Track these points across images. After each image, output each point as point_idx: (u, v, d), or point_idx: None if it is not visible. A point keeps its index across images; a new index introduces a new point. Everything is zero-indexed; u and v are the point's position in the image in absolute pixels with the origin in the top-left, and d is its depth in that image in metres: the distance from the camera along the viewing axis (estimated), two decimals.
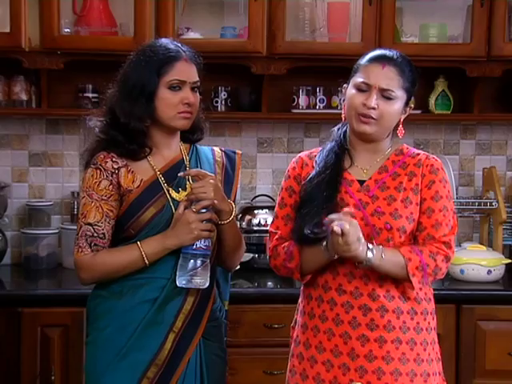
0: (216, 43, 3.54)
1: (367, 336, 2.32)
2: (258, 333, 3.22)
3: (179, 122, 2.38)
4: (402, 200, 2.35)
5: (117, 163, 2.39)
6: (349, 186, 2.38)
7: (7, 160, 3.79)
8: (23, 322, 3.17)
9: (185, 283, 2.31)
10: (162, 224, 2.36)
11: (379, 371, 2.31)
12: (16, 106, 3.64)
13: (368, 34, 3.52)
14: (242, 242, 2.53)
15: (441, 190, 2.36)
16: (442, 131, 3.95)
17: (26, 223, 3.77)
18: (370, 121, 2.32)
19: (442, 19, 3.71)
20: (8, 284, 3.64)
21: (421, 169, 2.38)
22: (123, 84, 2.39)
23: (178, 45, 2.41)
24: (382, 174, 2.39)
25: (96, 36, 3.51)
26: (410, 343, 2.33)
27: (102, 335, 2.38)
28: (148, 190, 2.38)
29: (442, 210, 2.35)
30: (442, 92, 3.77)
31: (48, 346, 3.18)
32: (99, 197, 2.36)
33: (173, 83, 2.35)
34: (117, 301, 2.37)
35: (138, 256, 2.32)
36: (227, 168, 2.51)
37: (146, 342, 2.33)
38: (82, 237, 2.37)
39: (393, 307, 2.33)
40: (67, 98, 3.70)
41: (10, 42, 3.39)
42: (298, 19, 3.67)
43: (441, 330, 3.29)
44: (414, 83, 2.39)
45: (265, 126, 3.89)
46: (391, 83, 2.32)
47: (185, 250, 2.32)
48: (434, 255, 2.32)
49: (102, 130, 2.43)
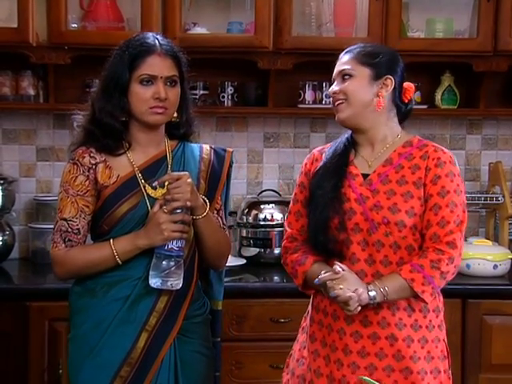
0: (222, 38, 3.55)
1: (360, 332, 2.33)
2: (265, 327, 3.23)
3: (151, 117, 2.34)
4: (403, 194, 2.33)
5: (94, 158, 2.37)
6: (352, 180, 2.39)
7: (15, 155, 3.80)
8: (31, 315, 3.18)
9: (158, 284, 2.28)
10: (136, 221, 2.34)
11: (371, 367, 2.31)
12: (23, 101, 3.65)
13: (374, 28, 3.52)
14: (224, 240, 2.48)
15: (447, 184, 2.31)
16: (448, 126, 3.94)
17: (34, 218, 3.79)
18: (341, 106, 2.38)
19: (448, 14, 3.70)
20: (16, 278, 3.66)
21: (426, 161, 2.34)
22: (102, 78, 2.39)
23: (158, 38, 2.37)
24: (386, 166, 2.38)
25: (103, 31, 3.52)
26: (407, 340, 2.31)
27: (78, 332, 2.39)
28: (124, 185, 2.36)
29: (449, 206, 2.30)
30: (448, 87, 3.77)
31: (56, 340, 3.19)
32: (75, 192, 2.35)
33: (143, 78, 2.32)
34: (91, 298, 2.36)
35: (109, 254, 2.31)
36: (214, 165, 2.46)
37: (118, 341, 2.31)
38: (57, 232, 2.37)
39: (388, 303, 2.31)
40: (74, 93, 3.69)
41: (17, 38, 3.39)
42: (305, 14, 3.66)
43: (447, 325, 3.30)
44: (375, 56, 2.39)
45: (271, 121, 3.89)
46: (346, 64, 2.39)
47: (158, 250, 2.29)
48: (436, 264, 2.27)
49: (82, 124, 2.42)
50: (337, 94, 2.39)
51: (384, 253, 2.32)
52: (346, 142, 2.46)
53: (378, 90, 2.37)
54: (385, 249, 2.32)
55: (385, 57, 2.40)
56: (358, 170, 2.40)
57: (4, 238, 3.61)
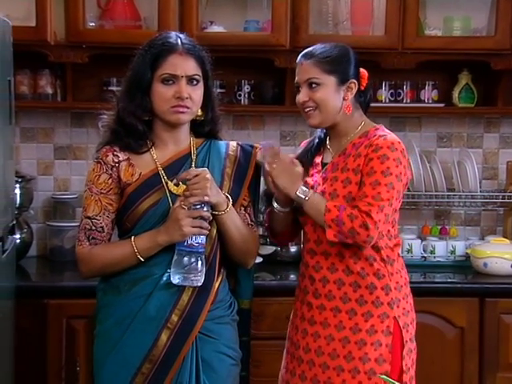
0: (239, 37, 3.57)
1: (312, 303, 2.53)
2: (282, 325, 3.22)
3: (173, 116, 2.36)
4: (343, 180, 2.48)
5: (117, 157, 2.40)
6: (315, 169, 2.59)
7: (33, 153, 3.83)
8: (49, 313, 3.21)
9: (179, 281, 2.30)
10: (157, 217, 2.35)
11: (315, 335, 2.51)
12: (41, 100, 3.68)
13: (391, 27, 3.54)
14: (251, 237, 2.49)
15: (376, 165, 2.42)
16: (466, 124, 3.95)
17: (51, 216, 3.82)
18: (312, 112, 2.52)
19: (466, 12, 3.71)
20: (34, 276, 3.68)
21: (367, 149, 2.46)
22: (126, 78, 2.42)
23: (180, 37, 2.39)
24: (340, 156, 2.54)
25: (120, 29, 3.55)
26: (350, 313, 2.47)
27: (102, 328, 2.41)
28: (146, 183, 2.38)
29: (371, 184, 2.41)
30: (465, 85, 3.77)
31: (73, 338, 3.22)
32: (98, 190, 2.39)
33: (165, 77, 2.34)
34: (115, 295, 2.38)
35: (130, 251, 2.33)
36: (240, 162, 2.48)
37: (139, 337, 2.32)
38: (81, 230, 2.41)
39: (334, 278, 2.48)
40: (92, 92, 3.74)
41: (35, 36, 3.42)
42: (322, 12, 3.68)
43: (464, 324, 3.32)
44: (338, 62, 2.50)
45: (288, 120, 3.90)
46: (311, 72, 2.49)
47: (178, 246, 2.30)
48: (352, 217, 2.38)
49: (108, 123, 2.44)
50: (306, 101, 2.50)
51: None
52: (322, 135, 2.64)
53: (344, 95, 2.51)
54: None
55: (345, 60, 2.52)
56: (320, 159, 2.59)
57: (22, 236, 3.62)
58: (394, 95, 3.80)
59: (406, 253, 3.65)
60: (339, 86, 2.49)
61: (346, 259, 2.48)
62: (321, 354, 2.50)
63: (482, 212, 3.96)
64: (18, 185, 3.55)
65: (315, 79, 2.48)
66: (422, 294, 2.96)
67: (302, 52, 2.56)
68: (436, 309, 3.34)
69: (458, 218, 3.95)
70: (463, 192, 3.76)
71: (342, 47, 2.55)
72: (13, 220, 3.10)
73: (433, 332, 3.33)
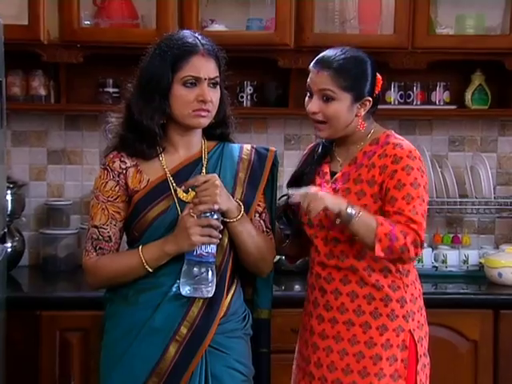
0: (241, 36, 3.57)
1: (323, 316, 2.53)
2: (287, 338, 3.22)
3: (195, 120, 2.36)
4: (356, 192, 2.47)
5: (125, 163, 2.39)
6: (323, 179, 2.57)
7: (25, 157, 3.83)
8: (42, 325, 3.21)
9: (189, 292, 2.29)
10: (166, 226, 2.34)
11: (327, 349, 2.50)
12: (34, 102, 3.69)
13: (401, 25, 3.53)
14: (266, 244, 2.46)
15: (403, 177, 2.42)
16: (479, 127, 3.95)
17: (45, 223, 3.82)
18: (321, 126, 2.50)
19: (479, 9, 3.71)
20: (26, 286, 3.69)
21: (382, 160, 2.46)
22: (139, 79, 2.38)
23: (198, 37, 2.38)
24: (351, 166, 2.53)
25: (117, 28, 3.55)
26: (364, 326, 2.47)
27: (109, 338, 2.42)
28: (154, 190, 2.37)
29: (404, 198, 2.41)
30: (478, 86, 3.77)
31: (67, 351, 3.22)
32: (105, 198, 2.38)
33: (187, 79, 2.33)
34: (122, 304, 2.38)
35: (138, 261, 2.32)
36: (254, 166, 2.46)
37: (146, 350, 2.32)
38: (88, 240, 2.40)
39: (347, 290, 2.48)
40: (87, 93, 3.75)
41: (28, 35, 3.43)
42: (328, 10, 3.69)
43: (477, 337, 3.32)
44: (357, 79, 2.47)
45: (292, 123, 3.90)
46: (327, 84, 2.46)
47: (188, 256, 2.29)
48: (405, 233, 2.37)
49: (116, 127, 2.43)
50: (316, 113, 2.49)
51: (341, 248, 2.51)
52: (325, 143, 2.62)
53: (357, 112, 2.50)
54: (341, 244, 2.50)
55: (364, 77, 2.49)
56: (328, 168, 2.57)
57: (14, 245, 3.63)
58: (403, 97, 3.80)
59: (416, 262, 3.59)
60: (353, 104, 2.48)
61: (360, 272, 2.47)
62: (334, 369, 2.49)
63: (497, 219, 3.95)
64: (9, 191, 3.56)
65: (330, 92, 2.46)
66: (433, 306, 2.93)
67: (319, 57, 2.51)
68: (448, 321, 3.33)
69: (471, 225, 3.95)
70: (476, 198, 3.76)
71: (362, 60, 2.50)
72: (4, 228, 3.11)
73: (445, 345, 3.32)
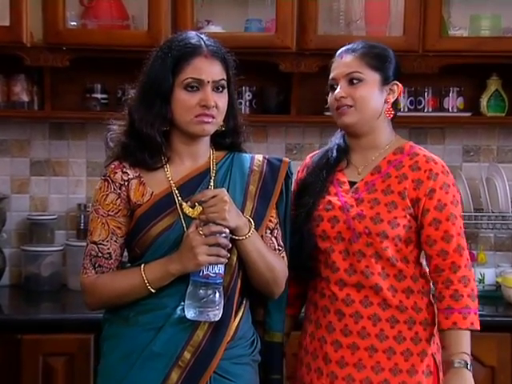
0: (240, 37, 3.55)
1: (341, 342, 2.49)
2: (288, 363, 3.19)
3: (198, 127, 2.33)
4: (387, 204, 2.47)
5: (127, 174, 2.37)
6: (339, 188, 2.55)
7: (6, 169, 3.84)
8: (23, 350, 3.19)
9: (194, 315, 2.27)
10: (170, 244, 2.32)
11: (348, 378, 2.46)
12: (16, 108, 3.69)
13: (411, 26, 3.53)
14: (277, 264, 2.42)
15: (443, 197, 2.45)
16: (496, 136, 3.96)
17: (27, 239, 3.81)
18: (347, 110, 2.50)
19: (495, 9, 3.72)
20: (6, 308, 3.65)
21: (415, 172, 2.48)
22: (140, 84, 2.38)
23: (203, 38, 2.37)
24: (375, 175, 2.53)
25: (105, 30, 3.55)
26: (388, 352, 2.45)
27: (106, 363, 2.39)
28: (158, 204, 2.35)
29: (449, 219, 2.45)
30: (495, 92, 3.77)
31: (51, 377, 3.20)
32: (105, 212, 2.36)
33: (189, 83, 2.31)
34: (122, 325, 2.36)
35: (139, 281, 2.30)
36: (266, 178, 2.45)
37: (147, 376, 2.29)
38: (87, 257, 2.39)
39: (369, 313, 2.46)
40: (73, 100, 3.75)
41: (9, 37, 3.42)
42: (332, 10, 3.69)
43: (495, 362, 3.34)
44: (384, 59, 2.53)
45: (294, 131, 3.91)
46: (353, 66, 2.51)
47: (193, 277, 2.27)
48: (466, 282, 2.43)
49: (118, 136, 2.42)
50: (343, 98, 2.50)
51: (365, 263, 2.47)
52: (339, 148, 2.61)
53: (386, 97, 2.54)
54: (366, 259, 2.47)
55: (391, 59, 2.55)
56: (345, 177, 2.56)
57: None
58: (413, 103, 3.81)
59: None
60: (383, 86, 2.51)
61: (384, 292, 2.45)
62: None
63: None
64: None
65: (358, 74, 2.49)
66: None
67: (341, 49, 2.58)
68: None
69: (487, 242, 3.94)
70: (493, 213, 3.76)
71: (384, 47, 2.57)
72: None
73: None
